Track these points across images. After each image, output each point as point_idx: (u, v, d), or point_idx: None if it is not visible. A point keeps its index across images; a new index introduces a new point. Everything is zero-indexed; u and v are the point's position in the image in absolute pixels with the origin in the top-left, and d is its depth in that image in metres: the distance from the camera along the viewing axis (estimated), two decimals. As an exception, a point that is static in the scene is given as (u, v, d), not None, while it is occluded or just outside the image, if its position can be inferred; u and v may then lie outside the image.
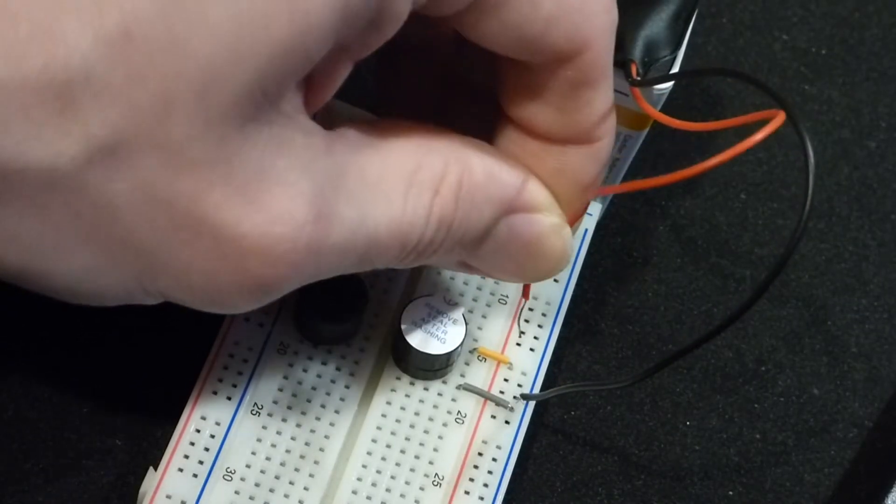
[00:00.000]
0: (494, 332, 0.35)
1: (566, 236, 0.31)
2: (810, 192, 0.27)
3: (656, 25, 0.33)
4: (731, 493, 0.36)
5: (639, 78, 0.32)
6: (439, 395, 0.34)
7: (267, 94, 0.25)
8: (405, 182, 0.28)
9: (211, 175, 0.25)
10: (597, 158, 0.31)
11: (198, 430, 0.32)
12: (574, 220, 0.32)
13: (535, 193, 0.30)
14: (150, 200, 0.25)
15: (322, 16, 0.24)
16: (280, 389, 0.33)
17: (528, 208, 0.30)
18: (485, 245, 0.30)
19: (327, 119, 0.28)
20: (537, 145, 0.30)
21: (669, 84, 0.33)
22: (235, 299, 0.27)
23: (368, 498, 0.32)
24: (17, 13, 0.23)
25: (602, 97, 0.30)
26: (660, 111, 0.34)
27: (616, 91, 0.33)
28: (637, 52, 0.33)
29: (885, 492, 0.35)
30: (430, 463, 0.33)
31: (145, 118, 0.24)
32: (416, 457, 0.33)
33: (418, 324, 0.33)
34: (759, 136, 0.27)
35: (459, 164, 0.29)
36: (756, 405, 0.37)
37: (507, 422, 0.34)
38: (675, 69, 0.34)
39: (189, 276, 0.26)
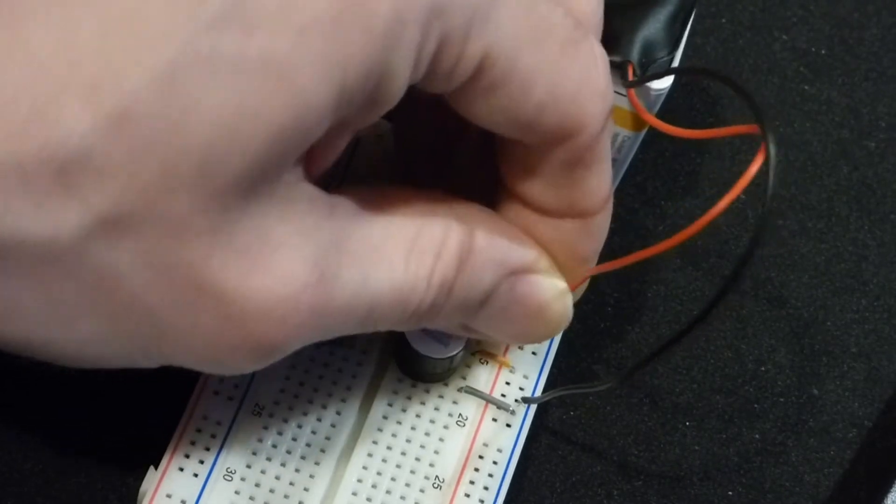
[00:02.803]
0: (496, 334, 0.35)
1: (567, 300, 0.31)
2: (770, 193, 0.27)
3: (653, 26, 0.33)
4: (730, 493, 0.36)
5: (634, 79, 0.33)
6: (440, 397, 0.34)
7: (266, 171, 0.25)
8: (407, 247, 0.28)
9: (213, 243, 0.25)
10: (592, 232, 0.31)
11: (199, 430, 0.32)
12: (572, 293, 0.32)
13: (537, 259, 0.31)
14: (153, 268, 0.25)
15: (319, 98, 0.25)
16: (281, 390, 0.33)
17: (531, 272, 0.30)
18: (486, 308, 0.30)
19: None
20: (535, 217, 0.31)
21: (666, 85, 0.33)
22: (238, 361, 0.27)
23: (368, 500, 0.32)
24: (16, 94, 0.24)
25: (596, 176, 0.30)
26: (658, 111, 0.34)
27: (617, 92, 0.34)
28: (634, 53, 0.33)
29: (885, 492, 0.35)
30: (431, 465, 0.33)
31: (146, 193, 0.24)
32: (417, 459, 0.33)
33: (421, 326, 0.33)
34: (741, 184, 0.27)
35: (461, 228, 0.29)
36: (756, 405, 0.37)
37: (508, 425, 0.34)
38: (674, 70, 0.34)
39: (192, 339, 0.26)
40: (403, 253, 0.28)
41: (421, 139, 0.33)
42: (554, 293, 0.31)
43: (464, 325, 0.31)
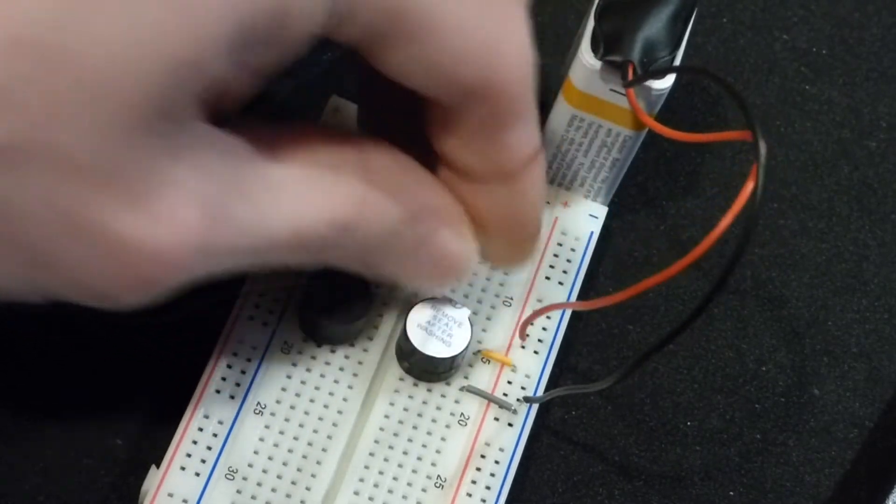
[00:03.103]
0: (499, 334, 0.35)
1: (470, 249, 0.31)
2: (758, 197, 0.27)
3: (655, 26, 0.33)
4: (731, 493, 0.36)
5: (632, 79, 0.33)
6: (442, 396, 0.34)
7: (160, 106, 0.25)
8: (306, 185, 0.28)
9: (103, 181, 0.25)
10: (522, 197, 0.31)
11: (200, 429, 0.32)
12: (519, 257, 0.32)
13: (446, 205, 0.30)
14: (41, 202, 0.25)
15: (216, 31, 0.25)
16: (283, 389, 0.33)
17: (436, 217, 0.30)
18: (390, 250, 0.30)
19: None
20: (467, 185, 0.31)
21: (667, 85, 0.33)
22: (125, 297, 0.27)
23: (370, 499, 0.32)
24: None
25: (519, 138, 0.30)
26: (658, 111, 0.34)
27: (617, 92, 0.34)
28: (635, 53, 0.33)
29: (886, 492, 0.35)
30: (433, 465, 0.33)
31: (36, 123, 0.24)
32: (419, 458, 0.33)
33: (423, 326, 0.33)
34: (735, 207, 0.27)
35: (365, 168, 0.29)
36: (757, 405, 0.37)
37: (510, 424, 0.34)
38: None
39: (79, 275, 0.26)
40: (303, 191, 0.28)
41: (383, 114, 0.33)
42: (457, 239, 0.31)
43: (368, 265, 0.31)
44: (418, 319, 0.33)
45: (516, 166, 0.30)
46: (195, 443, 0.32)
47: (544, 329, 0.35)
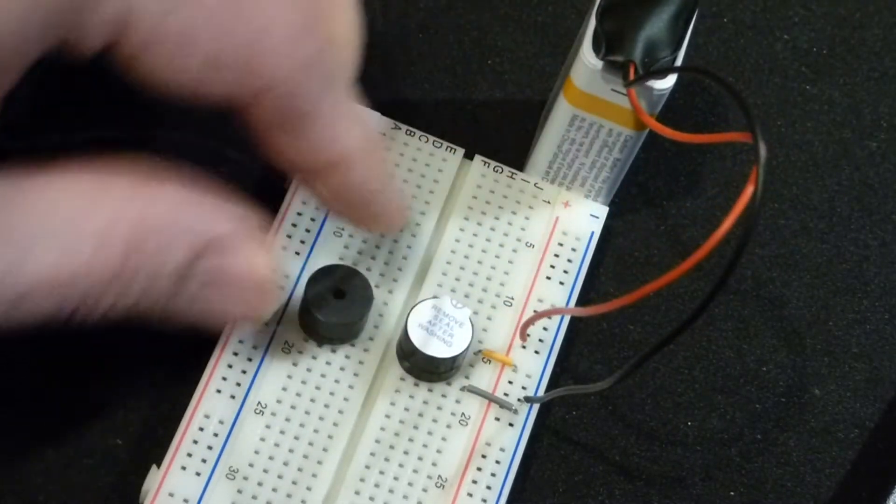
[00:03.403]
0: (499, 334, 0.35)
1: (266, 266, 0.30)
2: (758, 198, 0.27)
3: (656, 26, 0.33)
4: (732, 493, 0.36)
5: (632, 79, 0.33)
6: (443, 396, 0.34)
7: None
8: (74, 225, 0.27)
9: None
10: (360, 184, 0.30)
11: (201, 429, 0.32)
12: (385, 226, 0.32)
13: (236, 230, 0.29)
14: None
15: None
16: (284, 388, 0.33)
17: (227, 245, 0.29)
18: (185, 287, 0.29)
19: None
20: (298, 172, 0.30)
21: (669, 85, 0.33)
22: None
23: (371, 499, 0.32)
24: None
25: (322, 133, 0.29)
26: (659, 111, 0.34)
27: (618, 92, 0.34)
28: (637, 53, 0.33)
29: (887, 493, 0.35)
30: (433, 464, 0.33)
31: None
32: (420, 458, 0.33)
33: (424, 326, 0.33)
34: (735, 212, 0.27)
35: (139, 207, 0.27)
36: (757, 405, 0.37)
37: (510, 424, 0.34)
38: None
39: None
40: (70, 231, 0.27)
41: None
42: (251, 265, 0.29)
43: (167, 313, 0.29)
44: (419, 319, 0.33)
45: (336, 157, 0.29)
46: (196, 442, 0.32)
47: (545, 329, 0.35)
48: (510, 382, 0.34)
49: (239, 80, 0.28)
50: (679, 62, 0.34)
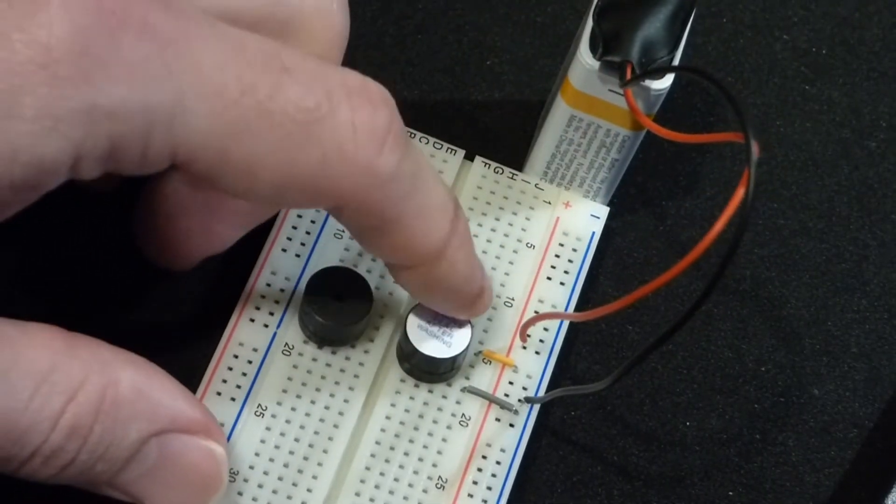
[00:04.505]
0: (500, 334, 0.35)
1: (221, 460, 0.30)
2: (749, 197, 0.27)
3: (653, 26, 0.33)
4: (730, 493, 0.36)
5: (629, 79, 0.33)
6: (443, 397, 0.34)
7: None
8: (35, 380, 0.27)
9: None
10: (449, 276, 0.31)
11: (201, 431, 0.32)
12: (470, 313, 0.33)
13: (196, 419, 0.29)
14: None
15: None
16: (284, 391, 0.33)
17: (184, 432, 0.29)
18: (134, 466, 0.29)
19: None
20: (395, 271, 0.31)
21: (666, 85, 0.33)
22: None
23: (371, 500, 0.32)
24: None
25: (405, 235, 0.30)
26: (658, 111, 0.34)
27: (615, 92, 0.34)
28: (634, 52, 0.33)
29: (886, 492, 0.35)
30: (434, 465, 0.33)
31: None
32: (420, 459, 0.33)
33: (424, 327, 0.33)
34: (728, 211, 0.28)
35: (104, 374, 0.28)
36: (756, 405, 0.37)
37: (511, 425, 0.34)
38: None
39: None
40: (30, 386, 0.27)
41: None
42: (206, 456, 0.30)
43: (111, 484, 0.29)
44: (419, 320, 0.33)
45: (424, 257, 0.30)
46: (196, 444, 0.32)
47: (546, 329, 0.35)
48: (510, 383, 0.34)
49: (312, 201, 0.29)
50: (677, 62, 0.34)
